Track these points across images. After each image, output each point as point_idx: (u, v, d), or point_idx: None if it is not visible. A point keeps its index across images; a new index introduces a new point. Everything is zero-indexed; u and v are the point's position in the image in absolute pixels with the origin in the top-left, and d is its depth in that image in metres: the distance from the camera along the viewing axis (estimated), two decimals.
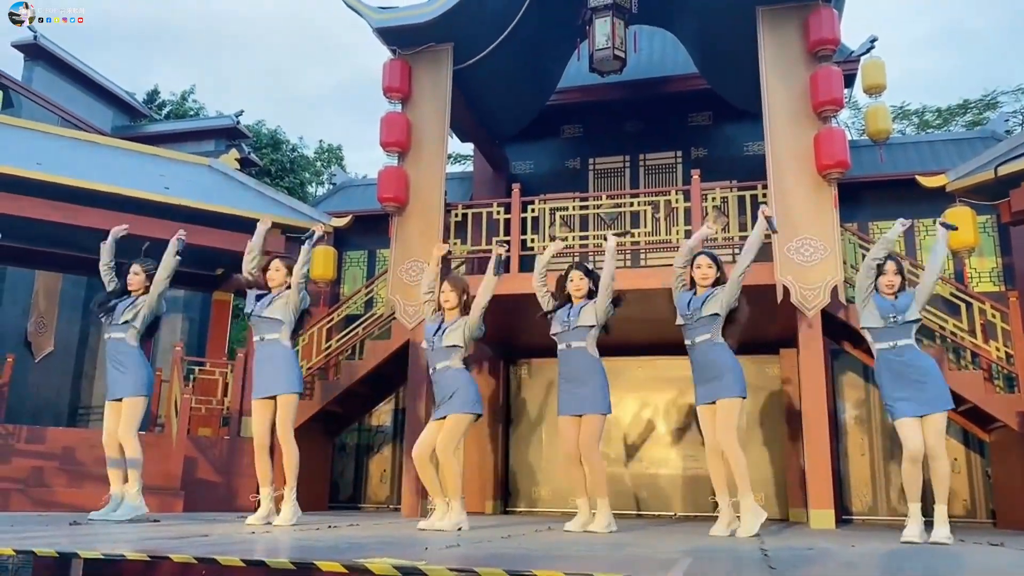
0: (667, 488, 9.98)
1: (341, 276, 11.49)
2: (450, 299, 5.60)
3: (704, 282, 5.40)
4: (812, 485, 7.04)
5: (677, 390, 10.11)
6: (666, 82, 10.79)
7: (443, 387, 5.46)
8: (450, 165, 20.73)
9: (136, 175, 9.06)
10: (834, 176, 7.46)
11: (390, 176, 8.51)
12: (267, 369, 5.56)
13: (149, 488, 7.80)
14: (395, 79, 8.61)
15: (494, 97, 9.82)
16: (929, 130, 20.47)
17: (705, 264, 5.43)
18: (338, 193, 12.77)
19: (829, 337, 8.35)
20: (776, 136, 7.72)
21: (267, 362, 5.57)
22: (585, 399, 5.37)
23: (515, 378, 10.80)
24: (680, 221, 8.27)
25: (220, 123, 15.32)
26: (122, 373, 5.76)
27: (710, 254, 5.50)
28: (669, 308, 5.72)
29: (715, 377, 5.22)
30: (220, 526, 5.09)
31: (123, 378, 5.76)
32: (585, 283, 5.58)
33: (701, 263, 5.43)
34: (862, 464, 9.48)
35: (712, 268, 5.43)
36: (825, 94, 7.50)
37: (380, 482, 10.88)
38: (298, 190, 21.41)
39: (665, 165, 11.08)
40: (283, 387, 5.51)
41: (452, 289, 5.61)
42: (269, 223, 5.91)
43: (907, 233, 10.02)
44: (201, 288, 11.51)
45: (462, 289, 5.65)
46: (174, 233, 6.05)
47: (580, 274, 5.61)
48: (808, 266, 7.36)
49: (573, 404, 5.43)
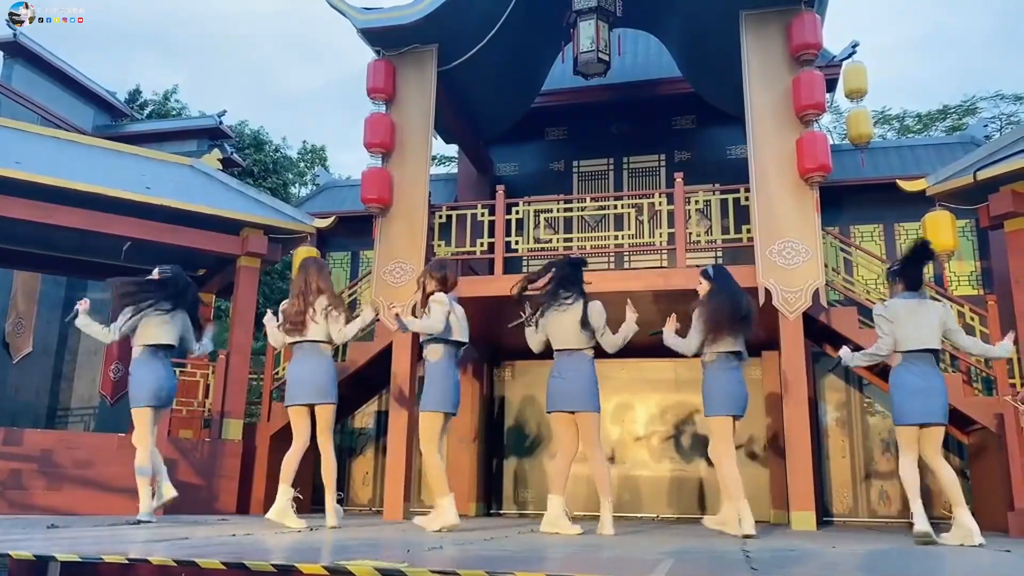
0: (649, 490, 10.00)
1: None
2: (428, 286, 5.67)
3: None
4: (793, 487, 7.07)
5: (661, 392, 10.14)
6: (650, 85, 10.83)
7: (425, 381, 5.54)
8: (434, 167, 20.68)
9: (117, 175, 8.98)
10: (816, 180, 7.52)
11: (374, 177, 8.49)
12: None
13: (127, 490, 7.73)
14: (379, 80, 8.59)
15: (479, 99, 9.82)
16: (910, 135, 20.67)
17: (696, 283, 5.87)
18: (321, 194, 12.72)
19: (811, 340, 8.41)
20: (759, 140, 7.76)
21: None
22: (577, 395, 5.36)
23: (499, 380, 10.79)
24: (664, 224, 8.30)
25: (202, 123, 15.20)
26: (131, 383, 5.94)
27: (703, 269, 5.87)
28: (653, 310, 5.75)
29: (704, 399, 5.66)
30: (201, 528, 5.05)
31: (131, 388, 5.93)
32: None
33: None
34: (843, 466, 9.55)
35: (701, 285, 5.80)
36: (807, 98, 7.55)
37: (363, 484, 10.84)
38: (281, 191, 21.30)
39: (649, 168, 11.12)
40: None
41: (429, 276, 5.68)
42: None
43: (888, 238, 10.13)
44: None
45: (439, 278, 5.64)
46: (156, 234, 6.01)
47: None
48: (790, 269, 7.41)
49: (565, 399, 5.41)
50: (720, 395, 5.53)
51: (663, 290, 7.71)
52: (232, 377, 9.05)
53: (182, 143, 14.63)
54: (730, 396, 5.52)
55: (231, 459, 8.67)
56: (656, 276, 7.99)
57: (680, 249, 7.99)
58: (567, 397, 5.39)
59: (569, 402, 5.39)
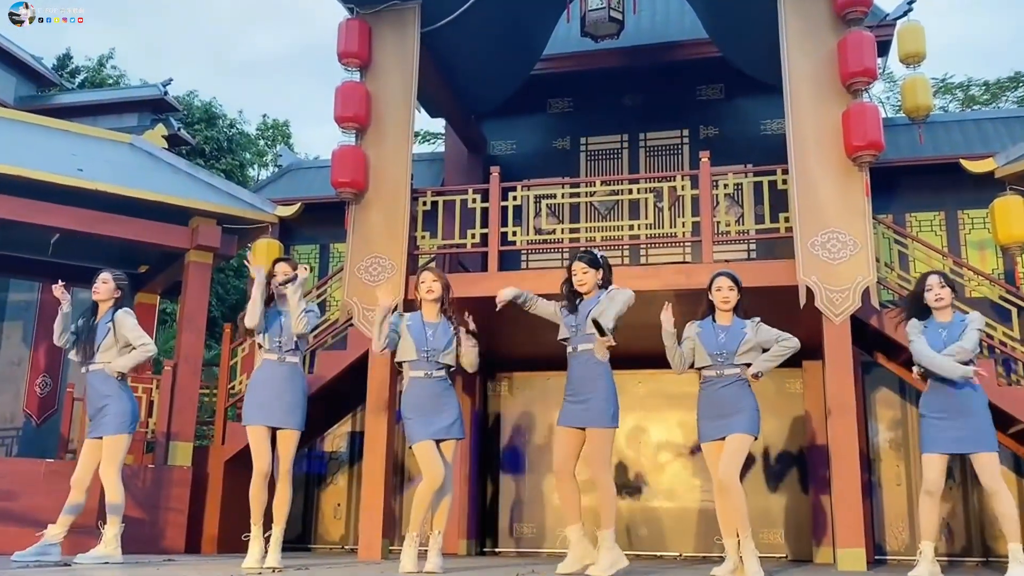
0: (671, 524, 10.01)
1: None
2: (434, 290, 5.71)
3: (726, 306, 5.71)
4: (840, 520, 7.08)
5: (684, 408, 10.13)
6: (671, 49, 10.83)
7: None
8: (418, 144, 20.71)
9: (44, 154, 8.95)
10: (866, 159, 7.52)
11: (346, 157, 8.48)
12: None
13: None
14: (352, 43, 8.58)
15: (469, 65, 9.81)
16: (976, 106, 20.71)
17: (727, 287, 5.73)
18: (284, 177, 12.70)
19: (860, 348, 8.41)
20: (798, 112, 7.76)
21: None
22: (588, 411, 5.35)
23: (494, 395, 10.80)
24: (687, 211, 8.30)
25: (144, 93, 15.15)
26: (101, 408, 6.14)
27: (730, 274, 5.81)
28: (673, 314, 5.74)
29: (733, 413, 5.55)
30: (142, 571, 5.04)
31: (115, 412, 6.11)
32: (591, 276, 5.49)
33: (722, 285, 5.75)
34: (898, 495, 9.55)
35: (734, 291, 5.73)
36: (855, 64, 7.55)
37: (334, 518, 10.84)
38: (237, 173, 21.31)
39: (669, 146, 11.12)
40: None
41: (437, 279, 5.73)
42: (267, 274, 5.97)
43: (950, 228, 10.14)
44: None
45: (445, 284, 5.77)
46: (89, 224, 6.06)
47: (583, 266, 5.50)
48: (835, 264, 7.41)
49: (574, 415, 5.41)
50: (757, 413, 5.65)
51: (685, 289, 7.70)
52: (180, 392, 9.03)
53: (120, 117, 14.57)
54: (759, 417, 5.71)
55: (179, 488, 8.65)
56: (677, 273, 7.99)
57: (706, 241, 7.98)
58: (579, 412, 5.45)
59: (578, 417, 5.43)
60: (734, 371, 5.59)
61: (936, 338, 5.53)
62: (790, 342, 5.59)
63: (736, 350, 5.58)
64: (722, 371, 5.60)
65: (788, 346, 5.58)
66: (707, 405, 5.69)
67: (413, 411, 5.56)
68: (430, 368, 5.60)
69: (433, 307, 5.72)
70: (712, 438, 5.64)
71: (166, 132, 12.58)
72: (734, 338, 5.61)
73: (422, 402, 5.58)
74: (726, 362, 5.59)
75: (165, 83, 15.09)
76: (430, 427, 5.52)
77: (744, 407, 5.55)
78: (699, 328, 5.76)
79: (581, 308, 5.46)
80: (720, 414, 5.59)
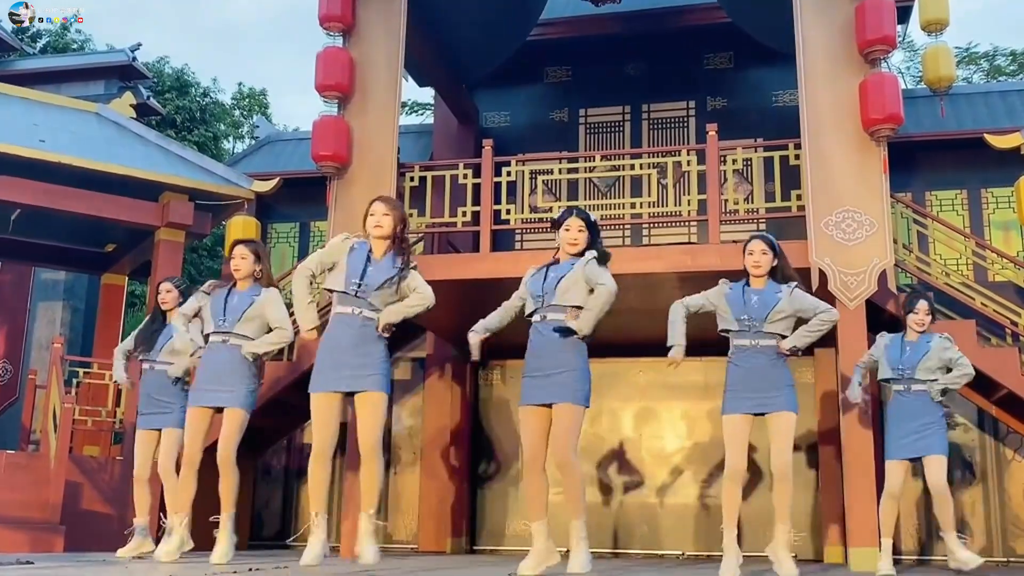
0: (673, 522, 10.04)
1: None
2: (383, 225, 5.23)
3: (758, 271, 5.53)
4: (853, 517, 7.12)
5: (689, 399, 10.16)
6: (676, 14, 10.79)
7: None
8: (405, 115, 20.63)
9: (3, 124, 8.91)
10: (884, 134, 7.52)
11: (327, 128, 8.46)
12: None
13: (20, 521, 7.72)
14: (335, 5, 8.53)
15: (460, 29, 9.78)
16: (1002, 77, 20.69)
17: (759, 250, 5.54)
18: (262, 149, 12.66)
19: (876, 334, 8.42)
20: (812, 83, 7.76)
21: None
22: (557, 384, 5.04)
23: (485, 385, 10.80)
24: (693, 188, 8.30)
25: (111, 59, 15.09)
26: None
27: (765, 237, 5.61)
28: (678, 297, 5.72)
29: (771, 389, 5.43)
30: (109, 570, 5.05)
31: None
32: (583, 237, 5.30)
33: (754, 249, 5.56)
34: (914, 492, 9.60)
35: (767, 255, 5.54)
36: (874, 31, 7.53)
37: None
38: (211, 145, 21.25)
39: (675, 118, 11.10)
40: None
41: (389, 213, 5.25)
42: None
43: (973, 207, 10.15)
44: (87, 269, 11.36)
45: (400, 217, 5.30)
46: (52, 200, 6.08)
47: (580, 223, 5.19)
48: (851, 246, 7.42)
49: (540, 391, 5.11)
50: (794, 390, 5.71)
51: (691, 272, 7.71)
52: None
53: (85, 84, 14.51)
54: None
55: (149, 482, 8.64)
56: (682, 254, 7.99)
57: (713, 220, 7.98)
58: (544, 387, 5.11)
59: (544, 393, 5.12)
60: (770, 342, 5.43)
61: (897, 352, 6.39)
62: (829, 315, 5.43)
63: (766, 316, 5.41)
64: (756, 341, 5.44)
65: (827, 319, 5.42)
66: (738, 378, 5.51)
67: (322, 354, 5.15)
68: (360, 306, 5.11)
69: (381, 244, 5.22)
70: (739, 411, 5.46)
71: (134, 101, 12.52)
72: (765, 303, 5.44)
73: (338, 343, 5.12)
74: (757, 330, 5.44)
75: (133, 48, 15.01)
76: (335, 374, 5.09)
77: (784, 383, 5.45)
78: (730, 288, 5.60)
79: (552, 273, 5.17)
80: (755, 388, 5.43)
